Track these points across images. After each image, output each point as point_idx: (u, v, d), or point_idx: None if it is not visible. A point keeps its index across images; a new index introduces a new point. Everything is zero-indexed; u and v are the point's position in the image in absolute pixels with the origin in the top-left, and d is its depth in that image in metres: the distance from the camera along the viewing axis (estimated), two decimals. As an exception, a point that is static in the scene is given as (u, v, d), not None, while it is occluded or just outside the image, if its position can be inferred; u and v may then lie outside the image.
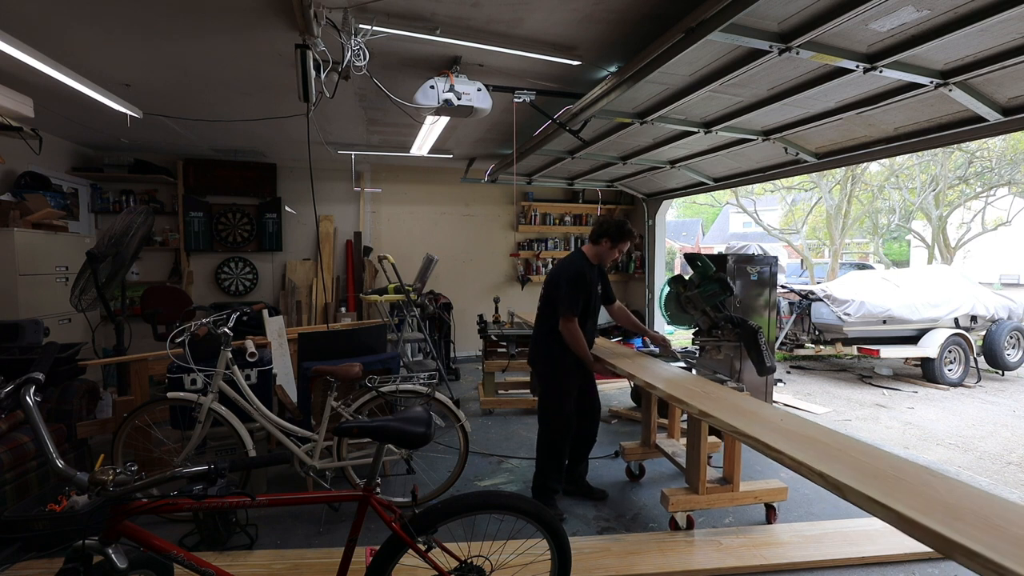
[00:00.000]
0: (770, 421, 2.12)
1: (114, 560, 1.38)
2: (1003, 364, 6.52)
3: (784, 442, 1.87)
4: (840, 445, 1.87)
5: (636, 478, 3.51)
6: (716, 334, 3.33)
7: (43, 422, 1.41)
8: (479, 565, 1.79)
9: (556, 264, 3.19)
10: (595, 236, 3.05)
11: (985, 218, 14.03)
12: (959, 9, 2.33)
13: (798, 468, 1.73)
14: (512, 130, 4.73)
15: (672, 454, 3.27)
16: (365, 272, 6.86)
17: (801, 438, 1.94)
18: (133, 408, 2.82)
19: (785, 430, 2.02)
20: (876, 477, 1.60)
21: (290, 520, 2.90)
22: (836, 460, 1.73)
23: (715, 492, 2.84)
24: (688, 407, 2.44)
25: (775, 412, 2.27)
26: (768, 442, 1.87)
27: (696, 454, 2.81)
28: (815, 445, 1.86)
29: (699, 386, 2.77)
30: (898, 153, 4.09)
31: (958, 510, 1.38)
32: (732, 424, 2.09)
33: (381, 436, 1.70)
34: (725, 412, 2.24)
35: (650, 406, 3.46)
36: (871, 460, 1.73)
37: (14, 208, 4.18)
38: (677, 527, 2.78)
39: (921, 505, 1.41)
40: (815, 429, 2.04)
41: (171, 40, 3.03)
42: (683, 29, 2.51)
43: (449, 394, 4.05)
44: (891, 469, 1.66)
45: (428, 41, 2.93)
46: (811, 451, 1.80)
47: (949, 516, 1.35)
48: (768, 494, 2.89)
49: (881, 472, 1.64)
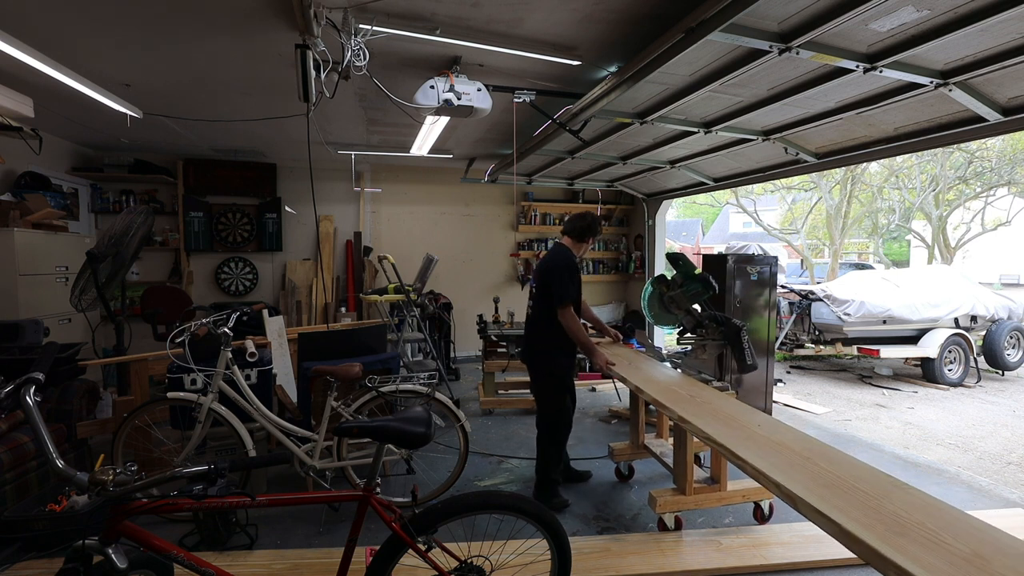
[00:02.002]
0: (746, 427, 2.14)
1: (114, 560, 1.38)
2: (1003, 364, 6.52)
3: (750, 451, 1.88)
4: (808, 452, 1.87)
5: (625, 478, 3.51)
6: (700, 333, 3.31)
7: (43, 422, 1.41)
8: (479, 565, 1.79)
9: (545, 259, 3.25)
10: (579, 233, 3.16)
11: (985, 218, 14.04)
12: (959, 9, 2.33)
13: (758, 477, 1.74)
14: (512, 130, 4.73)
15: (660, 454, 3.27)
16: (365, 272, 6.86)
17: (771, 444, 1.95)
18: (133, 408, 2.82)
19: (758, 436, 2.03)
20: (832, 487, 1.59)
21: (290, 520, 2.90)
22: (798, 469, 1.72)
23: (703, 492, 2.84)
24: (670, 412, 2.45)
25: (754, 417, 2.29)
26: (735, 450, 1.89)
27: (683, 455, 2.81)
28: (782, 452, 1.87)
29: (686, 389, 2.79)
30: (898, 153, 4.09)
31: (906, 524, 1.36)
32: (705, 431, 2.11)
33: (381, 436, 1.70)
34: (704, 418, 2.27)
35: (638, 406, 3.47)
36: (833, 469, 1.72)
37: (14, 208, 4.18)
38: (666, 528, 2.78)
39: (867, 518, 1.39)
40: (789, 435, 2.05)
41: (171, 40, 3.03)
42: (683, 29, 2.51)
43: (449, 394, 4.05)
44: (851, 479, 1.65)
45: (428, 41, 2.93)
46: (776, 459, 1.81)
47: (893, 531, 1.33)
48: (756, 493, 2.90)
49: (840, 482, 1.63)
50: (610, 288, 8.25)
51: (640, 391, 2.82)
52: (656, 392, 2.70)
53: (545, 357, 3.14)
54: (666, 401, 2.54)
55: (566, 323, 2.99)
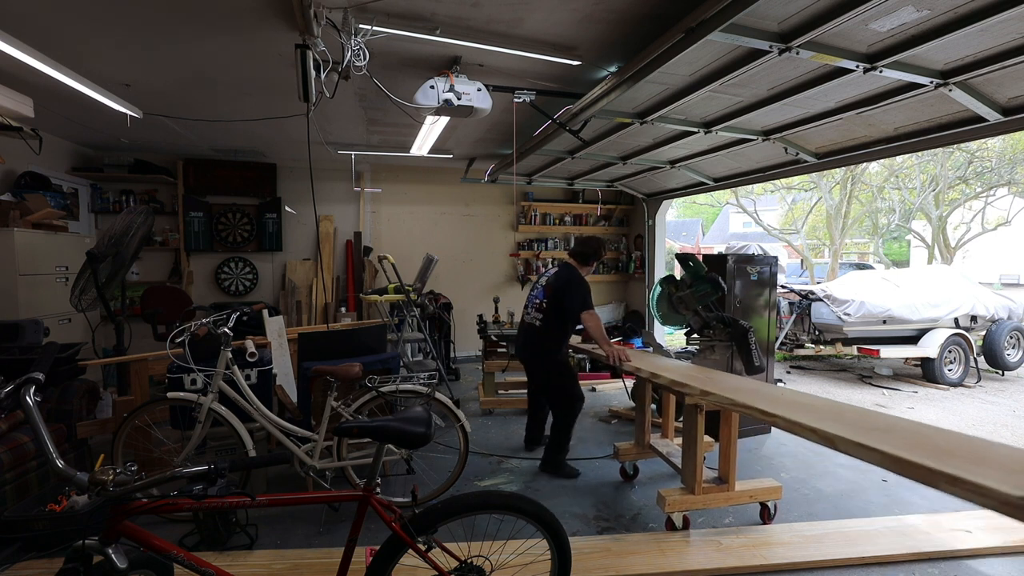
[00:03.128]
0: (768, 394, 2.20)
1: (114, 560, 1.38)
2: (1003, 364, 6.52)
3: (779, 407, 1.92)
4: (836, 411, 1.92)
5: (630, 478, 3.51)
6: (708, 334, 3.33)
7: (43, 422, 1.41)
8: (479, 565, 1.79)
9: (557, 276, 3.61)
10: (584, 257, 3.60)
11: (985, 218, 14.04)
12: (959, 9, 2.33)
13: (791, 428, 1.78)
14: (512, 130, 4.74)
15: (667, 454, 3.26)
16: (365, 272, 6.86)
17: (797, 405, 1.99)
18: (133, 408, 2.82)
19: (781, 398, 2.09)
20: (869, 430, 1.64)
21: (290, 520, 2.90)
22: (830, 419, 1.78)
23: (711, 492, 2.84)
24: (689, 389, 2.55)
25: (775, 388, 2.36)
26: (763, 407, 1.93)
27: (692, 454, 2.81)
28: (811, 410, 1.92)
29: (702, 373, 2.92)
30: (898, 153, 4.09)
31: (950, 451, 1.42)
32: (730, 397, 2.17)
33: (381, 436, 1.70)
34: (725, 390, 2.35)
35: (644, 406, 3.47)
36: (865, 419, 1.78)
37: (14, 208, 4.18)
38: (674, 527, 2.79)
39: (911, 447, 1.45)
40: (814, 400, 2.11)
41: (171, 40, 3.03)
42: (683, 29, 2.51)
43: (449, 394, 4.05)
44: (884, 425, 1.70)
45: (428, 41, 2.94)
46: (806, 414, 1.85)
47: (940, 455, 1.39)
48: (763, 493, 2.90)
49: (875, 426, 1.68)
50: (610, 288, 8.25)
51: (655, 376, 2.96)
52: (674, 376, 2.83)
53: (554, 356, 3.59)
54: (685, 380, 2.67)
55: (591, 323, 3.39)
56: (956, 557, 2.54)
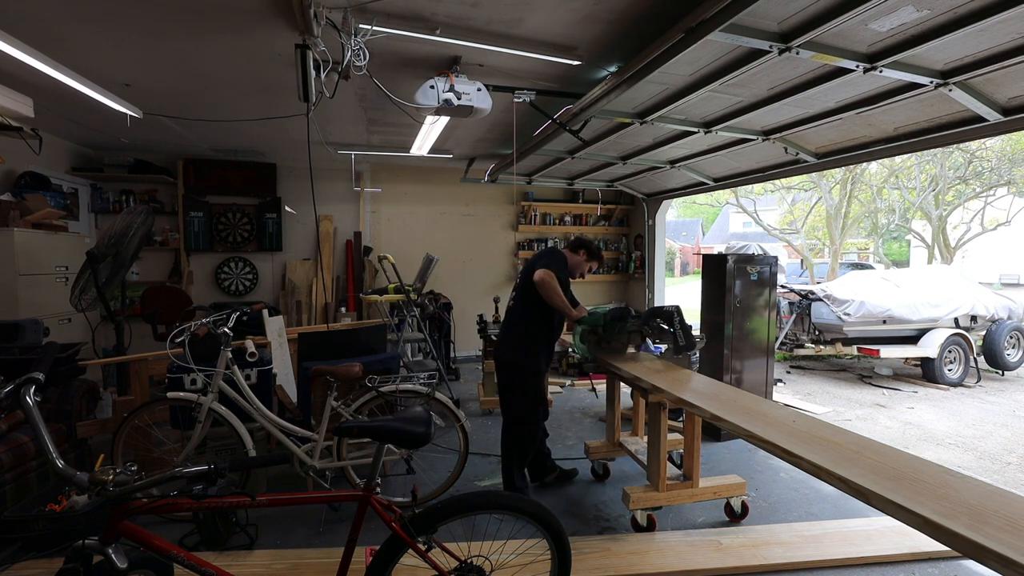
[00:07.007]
0: (783, 424, 2.12)
1: (114, 560, 1.38)
2: (1003, 364, 6.52)
3: (800, 446, 1.87)
4: (855, 446, 1.87)
5: (601, 478, 3.51)
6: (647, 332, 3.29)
7: (43, 422, 1.41)
8: (479, 565, 1.79)
9: (537, 253, 3.34)
10: (574, 246, 3.29)
11: (984, 218, 14.03)
12: (959, 9, 2.33)
13: (818, 473, 1.73)
14: (512, 130, 4.73)
15: (635, 452, 3.28)
16: (365, 272, 6.86)
17: (815, 440, 1.94)
18: (133, 408, 2.82)
19: (797, 431, 2.03)
20: (895, 479, 1.60)
21: (290, 520, 2.90)
22: (853, 463, 1.73)
23: (675, 488, 2.86)
24: (701, 412, 2.38)
25: (786, 413, 2.27)
26: (786, 447, 1.87)
27: (656, 451, 2.83)
28: (830, 447, 1.87)
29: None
30: (898, 153, 4.09)
31: (982, 512, 1.39)
32: (748, 429, 2.07)
33: (381, 436, 1.70)
34: (736, 415, 2.22)
35: (614, 406, 3.48)
36: (887, 461, 1.74)
37: (14, 208, 4.18)
38: (639, 526, 2.80)
39: (945, 509, 1.41)
40: (827, 429, 2.06)
41: (171, 40, 3.02)
42: (683, 29, 2.50)
43: (449, 394, 4.05)
44: (909, 471, 1.66)
45: (428, 41, 2.93)
46: (827, 454, 1.80)
47: (975, 519, 1.36)
48: (727, 489, 2.92)
49: (900, 474, 1.64)
50: (610, 288, 8.25)
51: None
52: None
53: (522, 351, 3.07)
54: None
55: (544, 286, 2.88)
56: (956, 557, 2.54)
